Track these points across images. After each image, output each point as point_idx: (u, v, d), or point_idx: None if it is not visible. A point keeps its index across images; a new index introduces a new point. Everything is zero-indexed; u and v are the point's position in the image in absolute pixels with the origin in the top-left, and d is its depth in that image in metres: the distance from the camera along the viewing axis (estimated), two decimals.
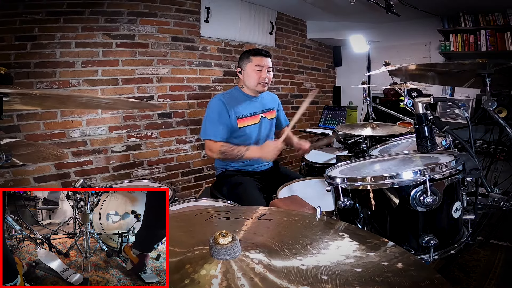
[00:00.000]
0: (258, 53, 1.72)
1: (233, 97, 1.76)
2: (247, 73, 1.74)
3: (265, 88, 1.76)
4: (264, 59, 1.72)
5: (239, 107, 1.74)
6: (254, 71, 1.71)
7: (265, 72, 1.71)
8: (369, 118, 2.10)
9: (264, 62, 1.71)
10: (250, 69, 1.72)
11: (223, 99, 1.71)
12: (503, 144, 2.72)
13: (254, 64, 1.71)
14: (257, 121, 1.80)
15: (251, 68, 1.72)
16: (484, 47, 2.95)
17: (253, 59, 1.71)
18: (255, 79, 1.72)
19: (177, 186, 2.80)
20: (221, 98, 1.71)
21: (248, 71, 1.73)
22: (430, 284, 0.45)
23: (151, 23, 2.50)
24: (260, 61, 1.71)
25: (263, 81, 1.72)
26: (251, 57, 1.72)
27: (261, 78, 1.71)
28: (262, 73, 1.71)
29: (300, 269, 0.48)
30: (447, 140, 1.29)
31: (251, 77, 1.72)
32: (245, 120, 1.75)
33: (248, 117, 1.76)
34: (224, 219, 0.73)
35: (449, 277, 1.68)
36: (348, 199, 0.89)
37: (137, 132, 2.53)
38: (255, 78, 1.71)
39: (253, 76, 1.72)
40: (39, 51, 2.06)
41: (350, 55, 4.10)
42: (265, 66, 1.71)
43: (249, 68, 1.72)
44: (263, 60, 1.71)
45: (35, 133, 2.09)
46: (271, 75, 1.76)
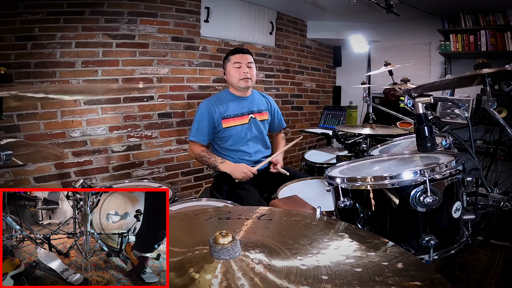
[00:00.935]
0: (236, 51, 1.77)
1: (220, 99, 1.80)
2: (228, 73, 1.78)
3: (248, 83, 1.76)
4: (242, 56, 1.75)
5: (226, 108, 1.77)
6: (233, 68, 1.75)
7: (244, 67, 1.73)
8: (369, 118, 2.11)
9: (242, 58, 1.74)
10: (230, 67, 1.76)
11: (210, 101, 1.78)
12: (503, 144, 2.72)
13: (233, 62, 1.75)
14: (245, 121, 1.80)
15: (231, 66, 1.76)
16: (484, 47, 2.94)
17: (231, 58, 1.76)
18: (235, 76, 1.75)
19: (177, 186, 2.80)
20: (208, 101, 1.78)
21: (229, 70, 1.77)
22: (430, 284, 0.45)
23: (151, 23, 2.50)
24: (238, 58, 1.74)
25: (244, 77, 1.74)
26: (229, 56, 1.77)
27: (241, 74, 1.73)
28: (241, 69, 1.73)
29: (300, 269, 0.48)
30: (447, 140, 1.29)
31: (232, 75, 1.76)
32: (230, 121, 1.76)
33: (234, 118, 1.78)
34: (224, 219, 0.73)
35: (449, 277, 1.68)
36: (348, 199, 0.89)
37: (137, 132, 2.53)
38: (236, 75, 1.75)
39: (234, 74, 1.75)
40: (39, 51, 2.06)
41: (350, 55, 4.09)
42: (244, 61, 1.74)
43: (229, 66, 1.76)
44: (241, 57, 1.74)
45: (35, 133, 2.09)
46: (253, 70, 1.78)
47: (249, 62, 1.76)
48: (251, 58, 1.78)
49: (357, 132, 2.02)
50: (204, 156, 1.72)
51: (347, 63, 4.30)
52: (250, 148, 1.81)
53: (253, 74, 1.78)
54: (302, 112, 3.92)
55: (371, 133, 1.92)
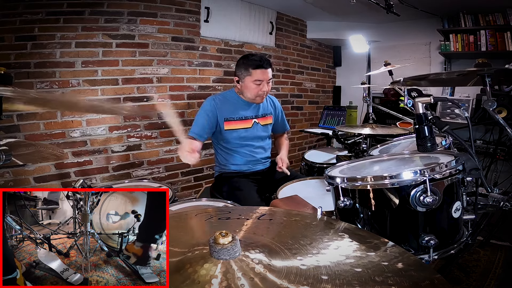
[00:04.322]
0: (258, 66, 1.61)
1: (226, 99, 1.73)
2: (245, 86, 1.66)
3: (263, 100, 1.73)
4: (264, 72, 1.62)
5: (230, 110, 1.70)
6: (253, 84, 1.63)
7: (264, 86, 1.64)
8: (369, 118, 2.10)
9: (264, 75, 1.62)
10: (249, 81, 1.64)
11: (215, 100, 1.70)
12: (503, 144, 2.72)
13: (254, 78, 1.62)
14: (249, 125, 1.75)
15: (250, 81, 1.63)
16: (484, 47, 2.94)
17: (253, 73, 1.61)
18: (253, 92, 1.65)
19: (177, 186, 2.80)
20: (213, 99, 1.70)
21: (247, 84, 1.65)
22: (430, 284, 0.45)
23: (151, 23, 2.50)
24: (261, 75, 1.61)
25: (262, 95, 1.67)
26: (251, 69, 1.62)
27: (260, 92, 1.65)
28: (261, 86, 1.63)
29: (300, 269, 0.48)
30: (447, 140, 1.29)
31: (249, 90, 1.66)
32: (232, 123, 1.70)
33: (237, 121, 1.72)
34: (224, 219, 0.73)
35: (449, 277, 1.68)
36: (348, 199, 0.89)
37: (137, 132, 2.53)
38: (254, 91, 1.65)
39: (252, 90, 1.65)
40: (39, 51, 2.06)
41: (350, 55, 4.09)
42: (265, 79, 1.63)
43: (248, 80, 1.64)
44: (263, 74, 1.62)
45: (35, 133, 2.09)
46: (270, 86, 1.69)
47: (270, 79, 1.66)
48: (271, 73, 1.66)
49: (357, 132, 2.02)
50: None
51: (347, 63, 4.30)
52: (249, 152, 1.78)
53: (269, 90, 1.70)
54: (302, 112, 3.92)
55: (371, 133, 1.92)
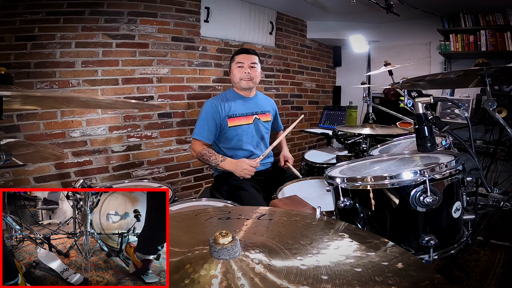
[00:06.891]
0: (240, 51, 1.80)
1: (226, 98, 1.81)
2: (232, 72, 1.81)
3: (250, 83, 1.78)
4: (245, 56, 1.76)
5: (231, 107, 1.78)
6: (236, 68, 1.77)
7: (246, 68, 1.75)
8: (369, 118, 2.10)
9: (246, 59, 1.76)
10: (233, 67, 1.79)
11: (216, 99, 1.78)
12: (503, 144, 2.72)
13: (236, 61, 1.77)
14: (250, 121, 1.82)
15: (234, 65, 1.79)
16: (484, 47, 2.94)
17: (236, 58, 1.79)
18: (237, 75, 1.77)
19: (177, 186, 2.80)
20: (214, 99, 1.79)
21: (232, 69, 1.80)
22: (430, 284, 0.45)
23: (151, 23, 2.50)
24: (242, 58, 1.76)
25: (245, 77, 1.75)
26: (234, 56, 1.80)
27: (243, 74, 1.75)
28: (243, 69, 1.75)
29: (300, 269, 0.48)
30: (447, 140, 1.29)
31: (234, 75, 1.79)
32: (236, 120, 1.77)
33: (240, 117, 1.79)
34: (224, 219, 0.73)
35: (449, 277, 1.68)
36: (348, 199, 0.89)
37: (137, 132, 2.53)
38: (238, 74, 1.77)
39: (236, 73, 1.78)
40: (39, 51, 2.06)
41: (350, 55, 4.09)
42: (247, 62, 1.75)
43: (233, 66, 1.79)
44: (245, 57, 1.76)
45: (35, 133, 2.09)
46: (256, 71, 1.79)
47: (253, 63, 1.77)
48: (256, 59, 1.80)
49: (357, 132, 2.02)
50: (205, 154, 1.69)
51: (347, 63, 4.30)
52: (252, 148, 1.81)
53: (256, 75, 1.79)
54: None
55: (371, 133, 1.92)
